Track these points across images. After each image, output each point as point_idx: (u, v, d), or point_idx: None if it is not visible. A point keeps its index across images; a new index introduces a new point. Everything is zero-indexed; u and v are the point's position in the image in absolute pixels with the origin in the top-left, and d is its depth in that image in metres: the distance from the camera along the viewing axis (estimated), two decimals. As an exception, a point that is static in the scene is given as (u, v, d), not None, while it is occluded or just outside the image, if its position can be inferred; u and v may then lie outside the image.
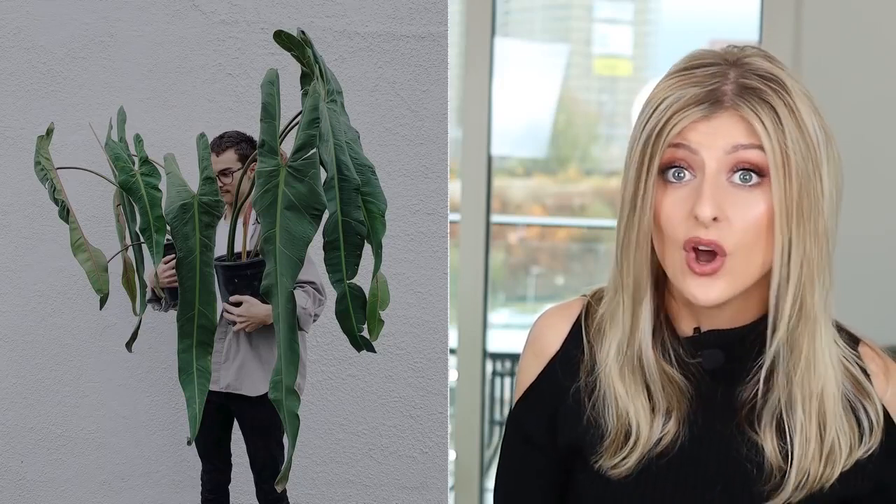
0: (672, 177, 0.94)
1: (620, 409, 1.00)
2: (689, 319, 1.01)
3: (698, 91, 0.92)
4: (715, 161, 0.91)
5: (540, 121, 4.59)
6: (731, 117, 0.91)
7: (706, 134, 0.91)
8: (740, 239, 0.91)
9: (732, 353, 0.99)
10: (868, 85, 3.23)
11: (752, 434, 0.97)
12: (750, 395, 0.97)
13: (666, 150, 0.93)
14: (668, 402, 0.99)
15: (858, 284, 3.09)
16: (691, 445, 0.99)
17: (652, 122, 0.93)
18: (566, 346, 1.07)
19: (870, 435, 0.97)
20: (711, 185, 0.91)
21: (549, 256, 5.08)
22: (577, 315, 1.08)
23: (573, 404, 1.04)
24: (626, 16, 4.94)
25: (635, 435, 0.99)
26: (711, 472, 0.99)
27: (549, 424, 1.06)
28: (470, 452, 4.12)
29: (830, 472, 0.96)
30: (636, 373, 1.00)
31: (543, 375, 1.08)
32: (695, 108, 0.92)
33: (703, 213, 0.90)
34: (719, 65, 0.94)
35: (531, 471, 1.09)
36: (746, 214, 0.91)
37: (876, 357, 1.02)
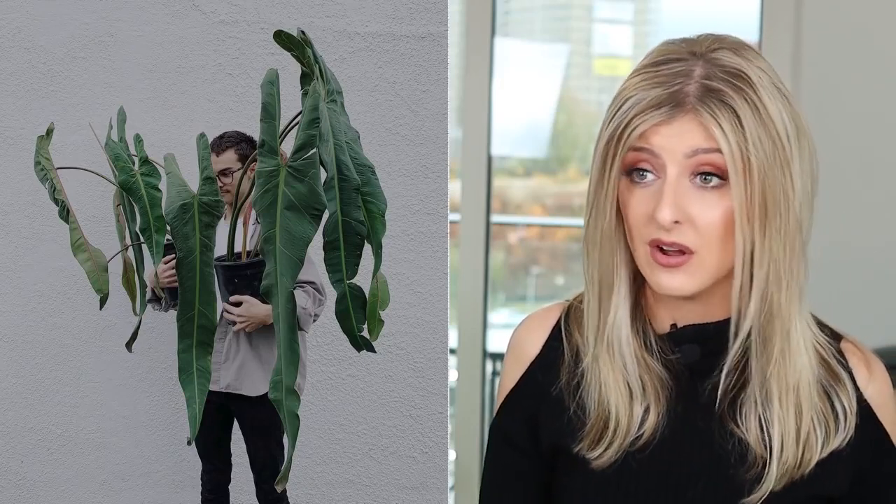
0: (636, 177, 0.95)
1: (602, 395, 1.01)
2: (665, 316, 1.02)
3: (660, 93, 0.92)
4: (676, 165, 0.92)
5: (540, 121, 4.59)
6: (691, 121, 0.91)
7: (667, 137, 0.92)
8: (703, 239, 0.92)
9: (708, 347, 1.00)
10: (868, 85, 3.23)
11: (733, 426, 0.98)
12: (727, 389, 0.98)
13: (629, 152, 0.94)
14: (647, 395, 1.00)
15: (859, 286, 3.10)
16: (672, 438, 1.00)
17: (615, 122, 0.95)
18: (545, 350, 1.08)
19: (844, 421, 0.98)
20: (672, 189, 0.92)
21: (549, 256, 5.08)
22: (557, 319, 1.09)
23: (555, 403, 1.05)
24: (626, 16, 4.94)
25: (614, 422, 1.00)
26: (694, 465, 1.00)
27: (530, 427, 1.07)
28: (470, 452, 4.12)
29: (809, 458, 0.97)
30: (615, 363, 1.01)
31: (523, 380, 1.09)
32: (656, 111, 0.92)
33: (663, 217, 0.91)
34: (686, 60, 0.93)
35: (515, 476, 1.10)
36: (708, 215, 0.92)
37: (857, 352, 1.03)
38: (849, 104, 3.19)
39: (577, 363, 1.04)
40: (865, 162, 3.21)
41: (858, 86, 3.23)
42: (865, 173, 3.21)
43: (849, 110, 3.18)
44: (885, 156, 3.25)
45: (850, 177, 3.10)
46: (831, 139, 3.13)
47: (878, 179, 3.24)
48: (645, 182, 0.94)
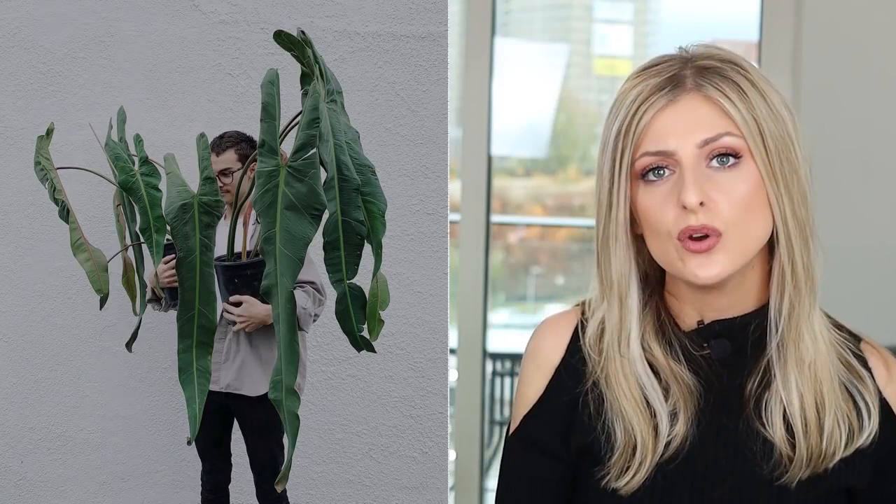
0: (652, 176, 0.96)
1: (626, 422, 1.00)
2: (692, 314, 1.02)
3: (659, 80, 0.95)
4: (690, 153, 0.93)
5: (540, 121, 4.59)
6: (694, 98, 0.94)
7: (674, 118, 0.94)
8: (730, 218, 0.93)
9: (737, 342, 1.00)
10: (868, 85, 3.23)
11: (759, 426, 0.99)
12: (755, 386, 0.99)
13: (641, 157, 0.95)
14: (674, 403, 0.99)
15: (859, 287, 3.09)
16: (701, 443, 1.00)
17: (620, 117, 0.96)
18: (568, 355, 1.07)
19: (868, 418, 0.99)
20: (692, 173, 0.93)
21: (549, 256, 5.08)
22: (575, 324, 1.08)
23: (583, 410, 1.04)
24: (626, 16, 4.94)
25: (641, 452, 0.99)
26: (720, 465, 1.00)
27: (563, 433, 1.06)
28: (470, 452, 4.12)
29: (832, 452, 0.98)
30: (635, 378, 1.00)
31: (552, 386, 1.07)
32: (658, 94, 0.94)
33: (690, 199, 0.92)
34: (679, 58, 0.97)
35: (542, 483, 1.08)
36: (731, 194, 0.93)
37: (877, 352, 1.04)
38: (849, 104, 3.19)
39: (596, 377, 1.04)
40: (865, 162, 3.21)
41: (858, 86, 3.23)
42: (865, 173, 3.21)
43: (849, 110, 3.18)
44: (886, 156, 3.25)
45: (848, 177, 3.10)
46: (831, 139, 3.14)
47: (877, 180, 3.24)
48: (662, 180, 0.95)
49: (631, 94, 0.96)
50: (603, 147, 0.98)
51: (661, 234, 0.95)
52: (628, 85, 0.97)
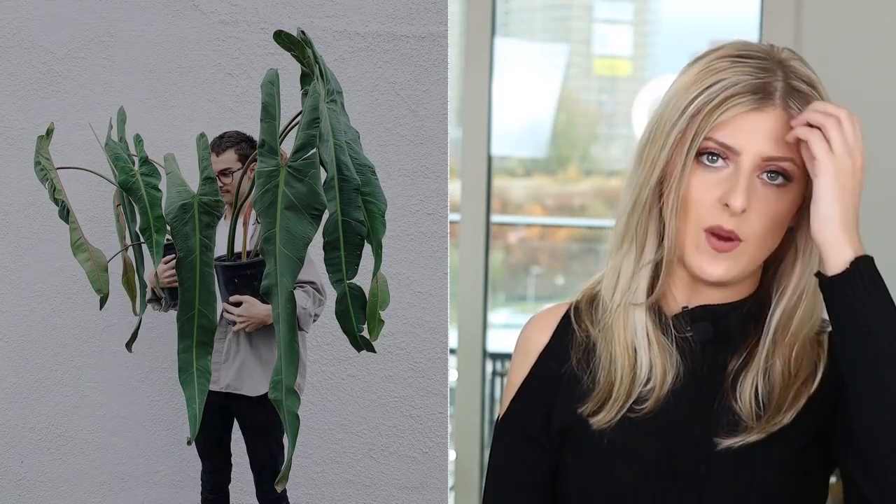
0: (707, 160, 0.98)
1: (611, 364, 1.05)
2: (680, 299, 1.06)
3: (752, 80, 0.97)
4: (752, 161, 0.97)
5: (540, 121, 4.59)
6: (778, 118, 0.96)
7: (752, 128, 0.97)
8: (756, 230, 0.97)
9: (720, 327, 1.04)
10: (868, 85, 3.23)
11: (731, 402, 1.02)
12: (734, 367, 1.03)
13: (706, 142, 0.98)
14: (654, 369, 1.03)
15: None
16: (676, 409, 1.03)
17: (704, 97, 0.97)
18: (553, 340, 1.11)
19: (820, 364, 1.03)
20: (746, 178, 0.96)
21: (549, 256, 5.08)
22: (563, 313, 1.12)
23: (568, 382, 1.08)
24: (626, 16, 4.94)
25: (616, 391, 1.04)
26: (689, 433, 1.03)
27: (545, 414, 1.10)
28: (470, 452, 4.12)
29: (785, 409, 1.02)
30: (627, 331, 1.05)
31: (535, 370, 1.12)
32: (749, 95, 0.96)
33: (736, 203, 0.95)
34: (766, 59, 0.99)
35: (526, 467, 1.12)
36: (769, 209, 0.97)
37: None
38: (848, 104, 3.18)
39: (588, 338, 1.08)
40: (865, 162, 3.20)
41: (859, 86, 3.23)
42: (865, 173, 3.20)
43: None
44: (886, 156, 3.25)
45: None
46: (831, 139, 3.13)
47: (877, 180, 3.23)
48: (716, 167, 0.98)
49: (723, 80, 0.97)
50: (671, 105, 1.00)
51: (694, 219, 0.99)
52: (722, 64, 0.98)
